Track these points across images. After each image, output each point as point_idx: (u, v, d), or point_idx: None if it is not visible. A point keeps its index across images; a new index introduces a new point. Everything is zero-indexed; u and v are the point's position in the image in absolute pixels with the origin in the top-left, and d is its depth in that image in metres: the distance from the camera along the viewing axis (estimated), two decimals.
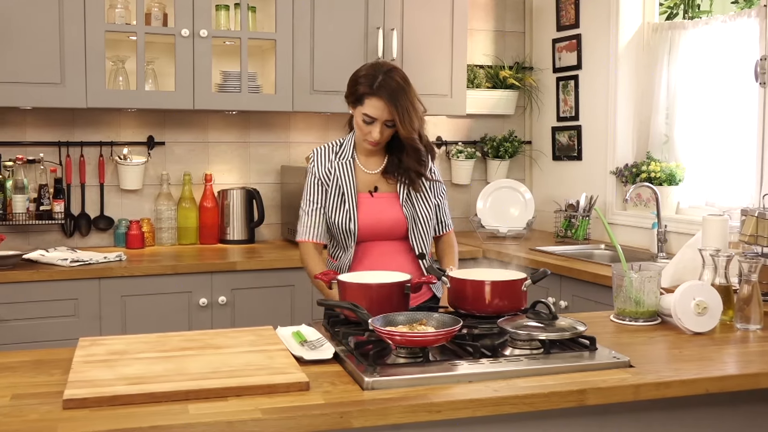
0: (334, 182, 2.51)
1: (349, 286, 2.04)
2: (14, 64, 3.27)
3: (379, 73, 2.38)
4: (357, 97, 2.40)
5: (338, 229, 2.50)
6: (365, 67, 2.46)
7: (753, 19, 3.30)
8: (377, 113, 2.38)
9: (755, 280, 2.12)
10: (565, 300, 3.30)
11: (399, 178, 2.52)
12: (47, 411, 1.46)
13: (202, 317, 3.33)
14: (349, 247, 2.50)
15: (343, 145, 2.56)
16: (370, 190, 2.54)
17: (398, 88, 2.37)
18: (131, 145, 3.80)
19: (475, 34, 4.44)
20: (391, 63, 2.46)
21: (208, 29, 3.53)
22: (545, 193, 4.45)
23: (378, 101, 2.36)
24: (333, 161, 2.53)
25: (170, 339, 1.91)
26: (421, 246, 2.53)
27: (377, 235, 2.51)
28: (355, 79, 2.43)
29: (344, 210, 2.49)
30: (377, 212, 2.50)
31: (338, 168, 2.52)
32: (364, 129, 2.42)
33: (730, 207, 3.26)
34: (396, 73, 2.40)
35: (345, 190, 2.50)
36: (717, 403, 1.79)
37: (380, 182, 2.55)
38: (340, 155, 2.54)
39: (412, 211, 2.52)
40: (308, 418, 1.45)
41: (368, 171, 2.54)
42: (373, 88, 2.36)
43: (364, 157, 2.55)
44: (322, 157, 2.56)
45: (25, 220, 3.48)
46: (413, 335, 1.71)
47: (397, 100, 2.35)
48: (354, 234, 2.48)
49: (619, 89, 3.96)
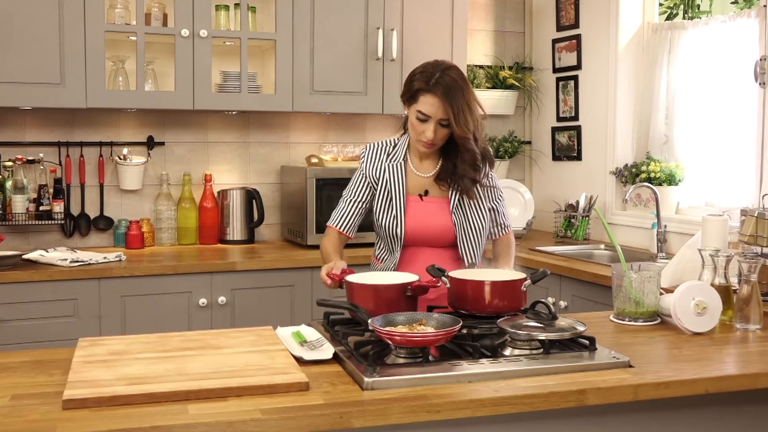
0: (383, 184, 2.44)
1: (356, 287, 2.04)
2: (14, 64, 3.27)
3: (437, 70, 2.31)
4: (412, 94, 2.33)
5: (385, 231, 2.43)
6: (423, 64, 2.38)
7: (752, 19, 3.30)
8: (431, 110, 2.29)
9: (755, 280, 2.12)
10: (564, 300, 3.31)
11: (452, 185, 2.42)
12: (47, 411, 1.46)
13: (201, 317, 3.33)
14: (395, 251, 2.43)
15: (397, 146, 2.49)
16: (420, 194, 2.45)
17: (455, 86, 2.29)
18: (131, 145, 3.80)
19: (475, 34, 4.44)
20: (451, 62, 2.38)
21: (208, 29, 3.53)
22: (545, 193, 4.46)
23: (433, 98, 2.28)
24: (384, 161, 2.46)
25: (170, 339, 1.91)
26: (471, 254, 2.43)
27: (425, 240, 2.43)
28: (411, 77, 2.36)
29: (392, 213, 2.42)
30: (426, 217, 2.42)
31: (389, 169, 2.44)
32: (418, 128, 2.34)
33: (730, 207, 3.27)
34: (454, 71, 2.32)
35: (394, 193, 2.42)
36: (716, 403, 1.79)
37: (432, 187, 2.45)
38: (392, 156, 2.47)
39: (462, 219, 2.42)
40: (308, 419, 1.45)
41: (420, 174, 2.46)
42: (428, 85, 2.29)
43: (417, 160, 2.47)
44: (373, 155, 2.48)
45: (24, 221, 3.48)
46: (413, 335, 1.71)
47: (453, 97, 2.27)
48: (400, 238, 2.41)
49: (619, 89, 3.96)
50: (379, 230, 2.47)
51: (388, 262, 2.46)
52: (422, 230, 2.42)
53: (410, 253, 2.44)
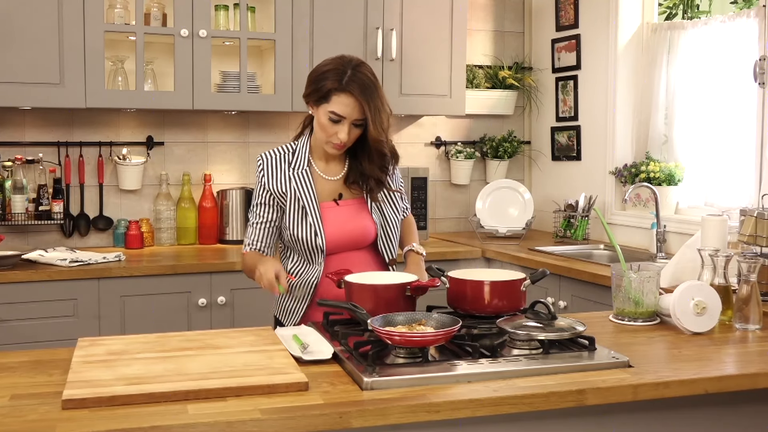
0: (292, 195, 2.26)
1: (355, 287, 2.04)
2: (14, 64, 3.27)
3: (348, 67, 2.17)
4: (323, 94, 2.17)
5: (303, 244, 2.26)
6: (329, 61, 2.22)
7: (752, 19, 3.30)
8: (346, 111, 2.16)
9: (754, 280, 2.12)
10: (564, 300, 3.31)
11: (361, 185, 2.31)
12: (46, 411, 1.46)
13: (201, 317, 3.33)
14: (315, 263, 2.26)
15: (296, 153, 2.30)
16: (334, 198, 2.31)
17: (370, 84, 2.16)
18: (130, 145, 3.80)
19: (475, 34, 4.44)
20: (357, 57, 2.24)
21: (208, 29, 3.53)
22: (544, 193, 4.46)
23: (348, 98, 2.15)
24: (286, 171, 2.28)
25: (169, 339, 1.91)
26: (389, 252, 2.34)
27: (345, 245, 2.29)
28: (320, 75, 2.19)
29: (307, 223, 2.24)
30: (344, 222, 2.29)
31: (295, 179, 2.26)
32: (330, 129, 2.19)
33: (729, 207, 3.27)
34: (365, 68, 2.19)
35: (306, 202, 2.25)
36: (716, 403, 1.79)
37: (343, 189, 2.32)
38: (295, 165, 2.28)
39: (381, 217, 2.32)
40: (307, 419, 1.45)
41: (329, 178, 2.31)
42: (342, 84, 2.14)
43: (323, 163, 2.32)
44: (272, 168, 2.28)
45: (24, 221, 3.48)
46: (412, 335, 1.71)
47: (369, 96, 2.15)
48: (322, 248, 2.24)
49: (619, 89, 3.96)
50: (294, 244, 2.28)
51: (307, 274, 2.28)
52: (343, 235, 2.28)
53: (330, 262, 2.27)
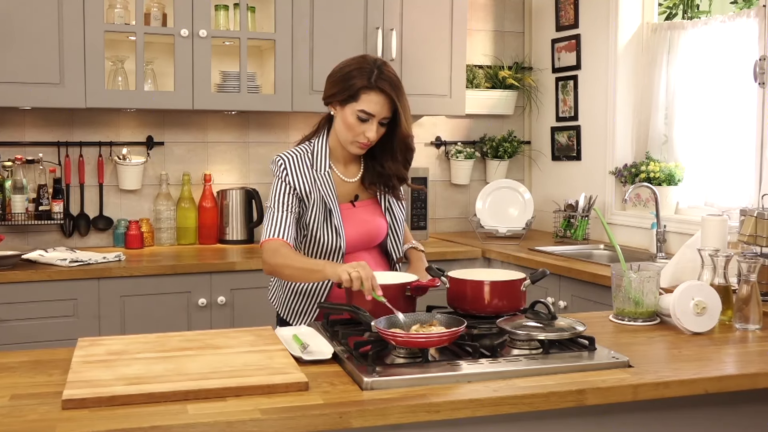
0: (317, 196, 2.25)
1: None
2: (14, 64, 3.27)
3: (374, 66, 2.18)
4: (352, 93, 2.17)
5: (324, 245, 2.26)
6: (350, 61, 2.23)
7: (752, 19, 3.30)
8: (376, 109, 2.16)
9: (754, 280, 2.12)
10: (564, 300, 3.31)
11: (379, 185, 2.33)
12: (46, 411, 1.46)
13: (201, 317, 3.33)
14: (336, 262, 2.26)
15: (314, 154, 2.29)
16: (351, 200, 2.33)
17: (397, 81, 2.18)
18: (130, 145, 3.80)
19: (475, 34, 4.44)
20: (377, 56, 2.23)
21: (208, 29, 3.53)
22: (544, 193, 4.46)
23: (378, 95, 2.15)
24: (309, 172, 2.26)
25: (169, 339, 1.91)
26: (398, 249, 2.38)
27: (360, 245, 2.31)
28: (345, 74, 2.20)
29: (332, 225, 2.25)
30: (361, 223, 2.31)
31: (319, 180, 2.26)
32: (357, 129, 2.19)
33: (729, 207, 3.27)
34: (389, 67, 2.21)
35: (330, 205, 2.25)
36: (716, 403, 1.79)
37: (359, 190, 2.34)
38: (316, 167, 2.27)
39: (392, 217, 2.36)
40: (307, 419, 1.45)
41: (347, 180, 2.32)
42: (371, 82, 2.15)
43: (342, 165, 2.32)
44: (296, 168, 2.26)
45: (24, 221, 3.48)
46: (416, 336, 1.71)
47: (399, 93, 2.17)
48: (342, 250, 2.26)
49: (619, 89, 3.96)
50: (315, 245, 2.28)
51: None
52: (360, 236, 2.30)
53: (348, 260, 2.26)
